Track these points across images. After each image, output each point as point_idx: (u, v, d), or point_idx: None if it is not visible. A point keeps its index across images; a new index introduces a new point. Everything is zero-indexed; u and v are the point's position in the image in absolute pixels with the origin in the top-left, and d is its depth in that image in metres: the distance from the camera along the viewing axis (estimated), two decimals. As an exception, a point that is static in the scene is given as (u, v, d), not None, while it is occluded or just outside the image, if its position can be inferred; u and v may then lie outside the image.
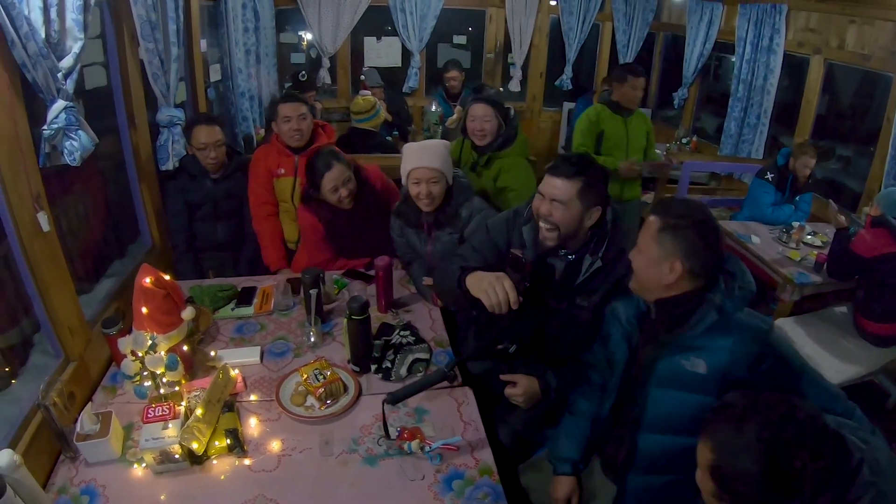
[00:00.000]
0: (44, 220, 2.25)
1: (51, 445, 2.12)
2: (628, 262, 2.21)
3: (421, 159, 2.94)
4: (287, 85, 6.46)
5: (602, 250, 2.40)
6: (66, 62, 2.29)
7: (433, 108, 6.28)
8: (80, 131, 2.36)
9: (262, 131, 5.53)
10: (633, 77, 4.80)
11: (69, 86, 2.32)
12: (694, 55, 7.08)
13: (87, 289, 3.01)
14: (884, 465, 1.42)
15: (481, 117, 3.54)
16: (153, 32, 3.22)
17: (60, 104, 2.26)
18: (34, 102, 2.27)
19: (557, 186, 2.33)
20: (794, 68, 5.92)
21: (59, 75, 2.25)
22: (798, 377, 1.87)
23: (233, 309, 3.04)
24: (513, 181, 3.51)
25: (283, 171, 3.82)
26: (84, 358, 2.49)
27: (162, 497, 2.00)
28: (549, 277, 2.52)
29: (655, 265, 1.93)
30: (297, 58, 7.42)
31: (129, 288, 2.60)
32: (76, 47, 2.32)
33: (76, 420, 2.13)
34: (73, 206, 3.08)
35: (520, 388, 2.42)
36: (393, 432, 2.22)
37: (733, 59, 6.41)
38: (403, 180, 3.05)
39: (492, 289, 2.23)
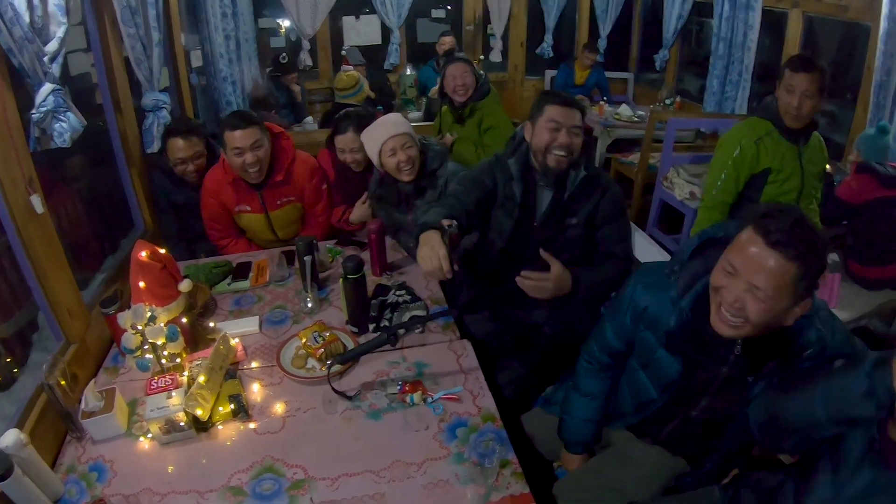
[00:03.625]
0: (37, 202, 2.26)
1: (56, 427, 2.13)
2: (605, 177, 2.52)
3: (388, 130, 3.01)
4: (268, 69, 6.47)
5: (584, 162, 2.55)
6: (51, 46, 2.34)
7: (408, 71, 6.41)
8: (68, 113, 2.41)
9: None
10: (789, 72, 3.14)
11: (55, 69, 2.37)
12: (673, 16, 7.07)
13: (82, 284, 3.01)
14: None
15: (460, 74, 3.93)
16: (133, 17, 3.23)
17: (48, 87, 2.31)
18: (21, 90, 2.28)
19: (572, 116, 2.49)
20: (774, 25, 5.93)
21: (45, 59, 2.30)
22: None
23: (229, 284, 3.06)
24: (495, 121, 3.92)
25: (247, 208, 3.42)
26: (85, 340, 2.50)
27: (169, 467, 2.02)
28: (534, 211, 2.65)
29: (782, 314, 1.64)
30: (276, 42, 7.44)
31: (124, 271, 2.64)
32: (60, 32, 2.37)
33: (80, 400, 2.15)
34: (62, 205, 3.11)
35: (552, 273, 2.46)
36: (394, 387, 2.27)
37: (713, 22, 6.39)
38: (376, 161, 3.11)
39: (427, 257, 2.26)
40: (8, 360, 2.42)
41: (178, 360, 2.35)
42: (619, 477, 2.15)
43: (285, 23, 7.23)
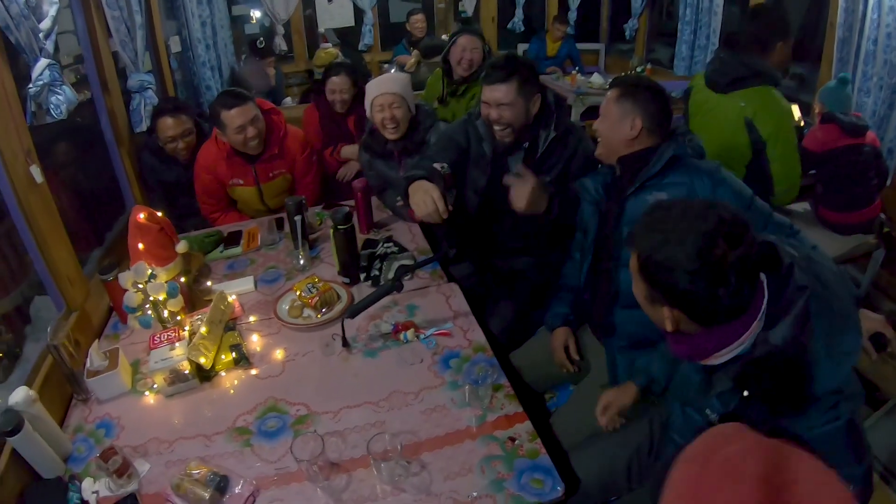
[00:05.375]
0: (37, 172, 2.33)
1: (62, 391, 2.19)
2: (579, 134, 2.55)
3: (380, 87, 3.06)
4: (244, 55, 6.52)
5: (553, 123, 2.63)
6: (45, 24, 2.44)
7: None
8: (64, 86, 2.49)
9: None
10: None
11: (49, 46, 2.45)
12: (640, -15, 7.17)
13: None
14: (827, 278, 1.45)
15: (471, 48, 3.83)
16: (117, 1, 3.32)
17: (44, 62, 2.41)
18: (13, 68, 2.34)
19: (498, 91, 2.56)
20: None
21: (41, 35, 2.37)
22: (748, 202, 2.07)
23: (221, 251, 3.14)
24: None
25: (240, 181, 3.48)
26: (85, 308, 2.56)
27: (176, 417, 2.11)
28: (507, 170, 2.68)
29: (618, 124, 2.16)
30: (250, 29, 7.46)
31: (117, 245, 2.74)
32: (52, 10, 2.47)
33: (84, 363, 2.22)
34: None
35: (528, 183, 2.46)
36: (387, 327, 2.39)
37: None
38: (368, 113, 3.18)
39: (422, 202, 2.37)
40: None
41: (178, 318, 2.45)
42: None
43: (256, 13, 7.28)
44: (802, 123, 4.12)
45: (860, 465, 1.48)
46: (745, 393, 1.45)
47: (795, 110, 3.96)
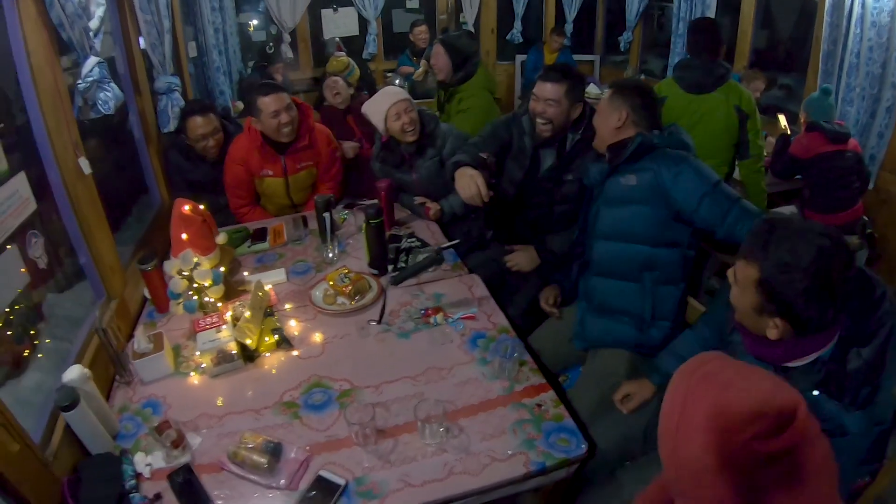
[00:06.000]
0: (85, 164, 2.47)
1: (105, 373, 2.31)
2: None
3: (390, 98, 3.26)
4: (251, 62, 6.67)
5: (581, 129, 2.89)
6: (94, 23, 2.58)
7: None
8: (111, 83, 2.63)
9: (240, 104, 5.73)
10: None
11: (97, 44, 2.59)
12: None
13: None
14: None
15: (434, 55, 4.10)
16: (149, 5, 3.47)
17: (93, 59, 2.54)
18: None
19: (548, 89, 2.84)
20: (732, 5, 6.21)
21: (90, 34, 2.52)
22: (711, 186, 2.27)
23: (249, 246, 3.28)
24: (471, 104, 4.01)
25: (270, 172, 3.62)
26: (123, 297, 2.68)
27: (221, 395, 2.24)
28: (539, 164, 3.02)
29: (608, 116, 2.46)
30: (256, 36, 7.56)
31: (148, 238, 2.99)
32: (100, 11, 2.62)
33: (125, 348, 2.36)
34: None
35: (517, 255, 3.17)
36: (417, 313, 2.59)
37: (674, 2, 6.61)
38: (381, 126, 3.33)
39: (467, 185, 2.68)
40: (31, 332, 2.51)
41: (218, 305, 2.61)
42: (604, 371, 2.53)
43: (254, 21, 7.44)
44: (789, 132, 4.34)
45: (879, 463, 1.71)
46: (815, 392, 1.62)
47: (782, 119, 4.25)
